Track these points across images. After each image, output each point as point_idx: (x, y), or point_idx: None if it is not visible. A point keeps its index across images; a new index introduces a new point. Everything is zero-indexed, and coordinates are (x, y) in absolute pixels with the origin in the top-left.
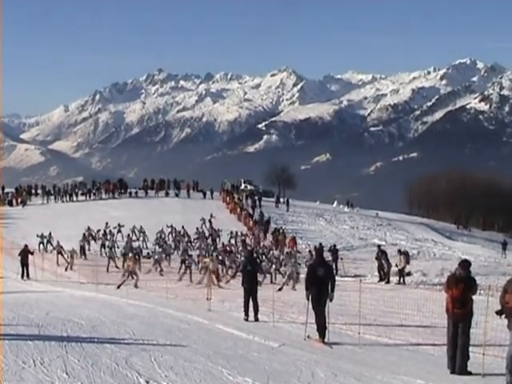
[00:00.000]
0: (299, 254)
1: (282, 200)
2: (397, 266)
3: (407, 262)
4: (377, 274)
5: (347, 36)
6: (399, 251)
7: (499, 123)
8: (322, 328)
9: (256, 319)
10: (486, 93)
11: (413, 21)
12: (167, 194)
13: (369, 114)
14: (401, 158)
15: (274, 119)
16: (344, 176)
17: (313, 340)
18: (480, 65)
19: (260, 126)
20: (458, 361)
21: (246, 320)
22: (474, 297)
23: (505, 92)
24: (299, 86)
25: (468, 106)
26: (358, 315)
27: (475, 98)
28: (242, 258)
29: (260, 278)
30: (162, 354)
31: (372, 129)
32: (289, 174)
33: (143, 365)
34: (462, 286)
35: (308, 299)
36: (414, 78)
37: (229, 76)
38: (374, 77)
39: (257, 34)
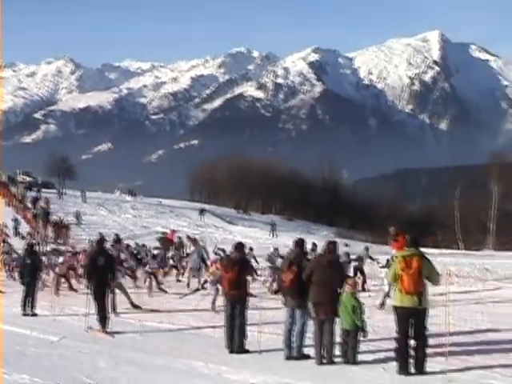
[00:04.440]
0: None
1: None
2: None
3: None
4: None
5: (124, 24)
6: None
7: (275, 110)
8: (103, 318)
9: (34, 314)
10: (261, 81)
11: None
12: None
13: (149, 102)
14: (182, 145)
15: (51, 108)
16: (127, 165)
17: (94, 331)
18: (255, 53)
19: (36, 115)
20: (236, 340)
21: (25, 315)
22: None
23: (279, 80)
24: (77, 75)
25: (245, 94)
26: (141, 302)
27: (252, 85)
28: (20, 252)
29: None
30: None
31: (153, 117)
32: (69, 164)
33: None
34: (236, 268)
35: (89, 289)
36: (193, 67)
37: (1, 64)
38: (153, 65)
39: (29, 21)
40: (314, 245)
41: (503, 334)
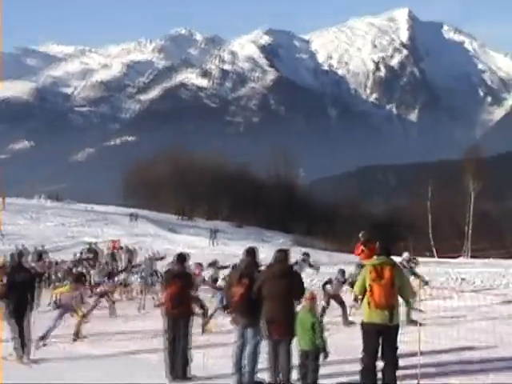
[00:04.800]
0: None
1: None
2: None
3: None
4: None
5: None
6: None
7: (222, 101)
8: (22, 342)
9: None
10: (205, 67)
11: None
12: None
13: (76, 93)
14: (115, 141)
15: None
16: (49, 165)
17: (12, 359)
18: (198, 36)
19: None
20: (179, 365)
21: None
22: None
23: (226, 66)
24: None
25: (187, 82)
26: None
27: (194, 72)
28: None
29: None
30: None
31: (80, 109)
32: None
33: None
34: (179, 282)
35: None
36: (126, 51)
37: None
38: (79, 49)
39: None
40: (307, 255)
41: (481, 351)
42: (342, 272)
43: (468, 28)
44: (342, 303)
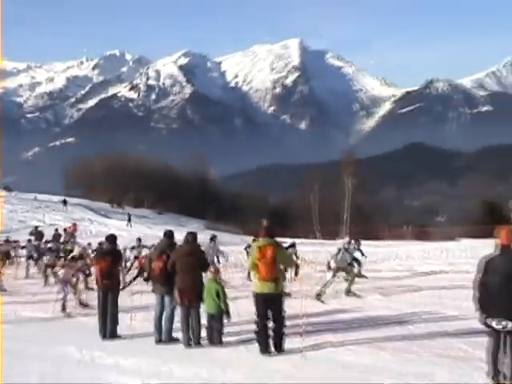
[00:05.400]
0: None
1: None
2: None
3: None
4: None
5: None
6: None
7: (147, 110)
8: None
9: None
10: (134, 82)
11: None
12: None
13: (25, 101)
14: (58, 143)
15: None
16: (2, 161)
17: None
18: (128, 56)
19: None
20: (109, 327)
21: None
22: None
23: (151, 82)
24: None
25: (119, 94)
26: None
27: (125, 86)
28: None
29: None
30: None
31: (29, 115)
32: None
33: None
34: (109, 258)
35: None
36: (68, 68)
37: None
38: (29, 65)
39: None
40: (214, 236)
41: (351, 314)
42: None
43: (347, 55)
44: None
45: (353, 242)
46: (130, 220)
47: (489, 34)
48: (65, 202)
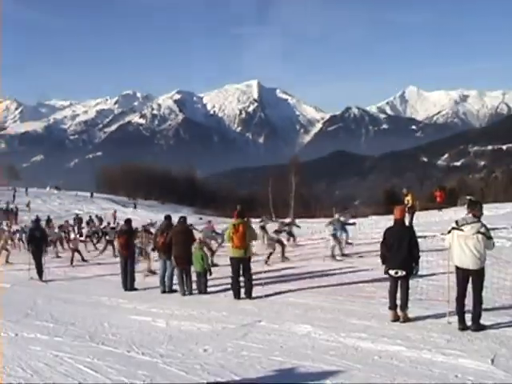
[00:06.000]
0: None
1: None
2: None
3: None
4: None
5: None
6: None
7: (152, 132)
8: (39, 271)
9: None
10: (143, 112)
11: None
12: None
13: (68, 128)
14: (91, 156)
15: (1, 133)
16: (54, 170)
17: (34, 280)
18: (139, 94)
19: None
20: (128, 282)
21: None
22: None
23: (155, 112)
24: (19, 110)
25: (133, 121)
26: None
27: (137, 115)
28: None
29: None
30: None
31: (71, 137)
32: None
33: None
34: (125, 235)
35: (29, 251)
36: (97, 103)
37: None
38: (71, 102)
39: None
40: (200, 218)
41: (297, 269)
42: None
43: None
44: (282, 244)
45: (341, 217)
46: (135, 207)
47: (389, 75)
48: (91, 195)
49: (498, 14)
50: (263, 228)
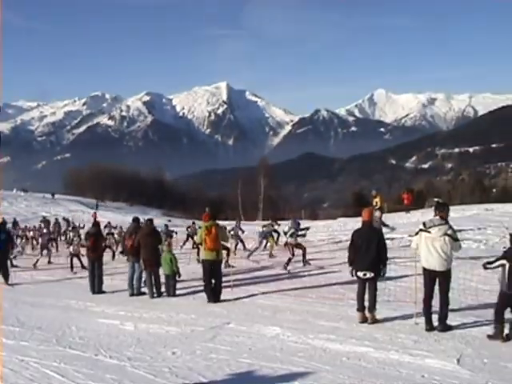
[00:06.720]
0: None
1: None
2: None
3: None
4: None
5: (17, 73)
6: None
7: (121, 133)
8: (5, 274)
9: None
10: (112, 114)
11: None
12: None
13: (36, 129)
14: (59, 157)
15: None
16: (21, 171)
17: (0, 283)
18: (107, 95)
19: None
20: (96, 285)
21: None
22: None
23: (123, 113)
24: None
25: (101, 123)
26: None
27: (105, 117)
28: None
29: None
30: None
31: (38, 139)
32: None
33: None
34: (92, 238)
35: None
36: (65, 105)
37: None
38: (39, 103)
39: None
40: (169, 221)
41: (265, 271)
42: (298, 224)
43: (260, 92)
44: (303, 248)
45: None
46: (97, 207)
47: (358, 78)
48: (53, 195)
49: (466, 19)
50: (276, 231)
